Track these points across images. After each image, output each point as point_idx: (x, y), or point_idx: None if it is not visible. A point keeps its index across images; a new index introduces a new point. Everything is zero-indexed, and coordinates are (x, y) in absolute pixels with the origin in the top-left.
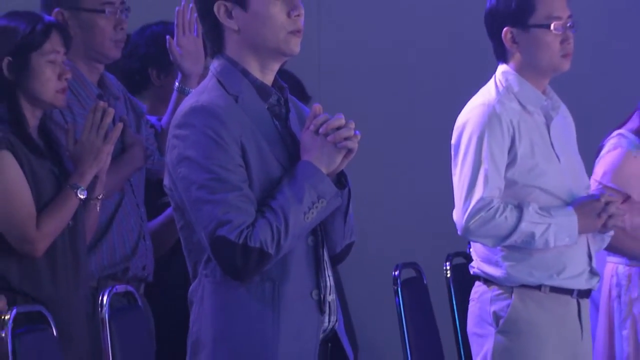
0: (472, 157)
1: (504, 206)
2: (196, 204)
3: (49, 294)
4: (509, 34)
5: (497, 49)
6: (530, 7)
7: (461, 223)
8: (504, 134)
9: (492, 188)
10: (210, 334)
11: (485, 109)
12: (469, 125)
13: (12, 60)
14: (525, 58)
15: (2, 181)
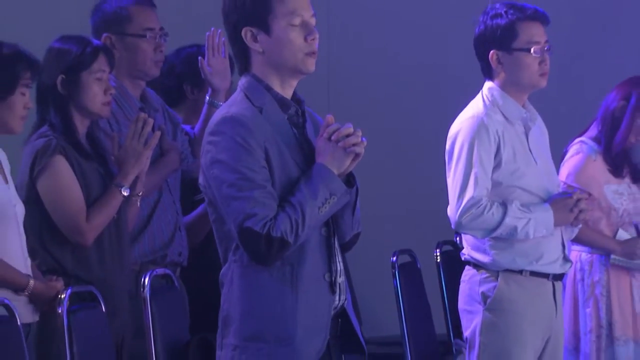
0: (464, 161)
1: (491, 204)
2: (226, 200)
3: (97, 277)
4: (495, 55)
5: (484, 68)
6: (514, 33)
7: (455, 218)
8: (490, 142)
9: (481, 188)
10: (238, 311)
11: (475, 121)
12: (461, 135)
13: (65, 78)
14: (509, 76)
15: (56, 181)
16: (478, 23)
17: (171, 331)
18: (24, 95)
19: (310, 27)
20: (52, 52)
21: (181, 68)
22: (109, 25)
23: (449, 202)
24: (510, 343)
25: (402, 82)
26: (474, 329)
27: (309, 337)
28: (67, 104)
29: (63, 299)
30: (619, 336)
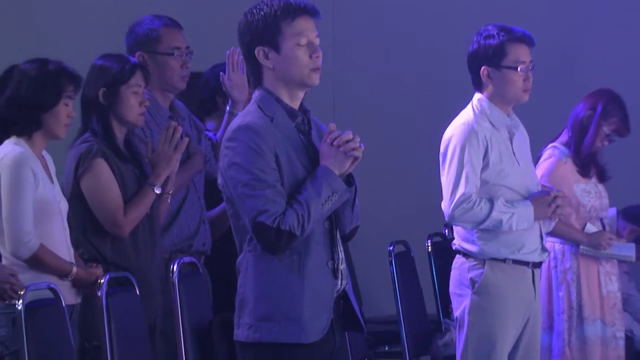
0: (456, 162)
1: (480, 200)
2: (241, 198)
3: (132, 264)
4: (486, 71)
5: (475, 81)
6: (503, 52)
7: (448, 212)
8: (480, 146)
9: (471, 186)
10: (252, 294)
11: (466, 127)
12: (454, 139)
13: (106, 91)
14: (496, 90)
15: (97, 181)
16: (472, 42)
17: (196, 311)
18: (67, 106)
19: (314, 46)
20: (95, 68)
21: (214, 82)
22: (141, 44)
23: (442, 198)
24: (494, 322)
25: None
26: (463, 310)
27: (314, 317)
28: (107, 113)
29: (102, 283)
30: (588, 316)
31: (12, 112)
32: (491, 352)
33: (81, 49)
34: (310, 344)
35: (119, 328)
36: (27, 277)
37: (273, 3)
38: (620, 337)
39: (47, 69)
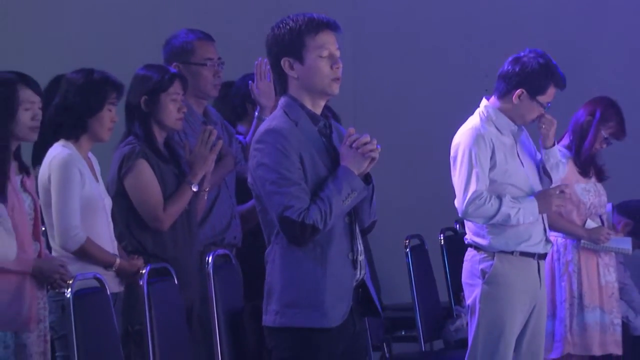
0: (467, 163)
1: (490, 197)
2: (269, 195)
3: (171, 256)
4: (522, 95)
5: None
6: (543, 89)
7: (462, 208)
8: (487, 148)
9: (481, 184)
10: (279, 283)
11: (474, 131)
12: (463, 143)
13: (147, 98)
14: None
15: (139, 179)
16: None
17: (229, 299)
18: (110, 111)
19: (335, 58)
20: (137, 78)
21: (244, 90)
22: (177, 56)
23: (454, 196)
24: (503, 309)
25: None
26: (474, 299)
27: (335, 304)
28: (148, 119)
29: (144, 273)
30: (588, 304)
31: (61, 117)
32: (500, 336)
33: (124, 60)
34: (331, 328)
35: (159, 314)
36: (75, 267)
37: (298, 18)
38: (617, 324)
39: (92, 77)
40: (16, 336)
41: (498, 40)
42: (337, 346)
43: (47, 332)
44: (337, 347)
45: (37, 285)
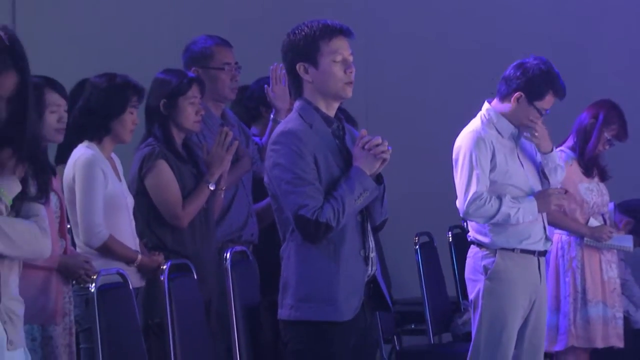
0: (468, 165)
1: (490, 197)
2: (284, 194)
3: (191, 252)
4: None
5: (502, 92)
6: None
7: (462, 208)
8: (487, 150)
9: (482, 185)
10: (294, 278)
11: (474, 134)
12: (464, 145)
13: (167, 101)
14: (515, 113)
15: (159, 179)
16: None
17: (246, 294)
18: (132, 114)
19: (348, 63)
20: (157, 82)
21: (258, 93)
22: (196, 61)
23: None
24: (505, 304)
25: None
26: (477, 294)
27: (348, 298)
28: (167, 121)
29: (164, 269)
30: (591, 299)
31: (84, 119)
32: (503, 329)
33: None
34: (344, 322)
35: (179, 308)
36: (99, 263)
37: (313, 25)
38: (619, 318)
39: (114, 82)
40: (43, 329)
41: (504, 45)
42: (349, 339)
43: (72, 325)
44: (349, 340)
45: (63, 280)
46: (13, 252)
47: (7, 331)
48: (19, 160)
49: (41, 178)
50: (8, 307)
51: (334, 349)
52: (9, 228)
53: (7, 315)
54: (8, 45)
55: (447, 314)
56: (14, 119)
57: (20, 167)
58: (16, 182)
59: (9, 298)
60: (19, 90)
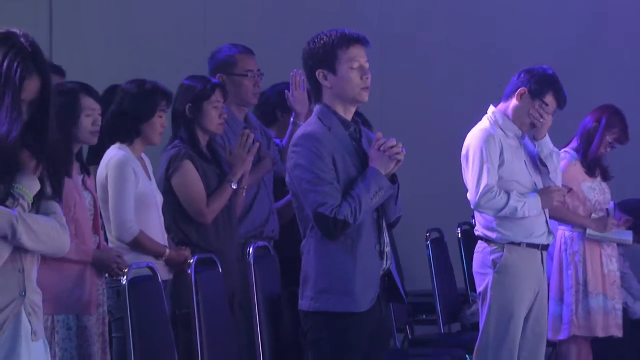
0: (479, 160)
1: (500, 191)
2: (305, 193)
3: (215, 247)
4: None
5: (508, 94)
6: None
7: (475, 200)
8: (496, 147)
9: (492, 179)
10: (314, 272)
11: (484, 133)
12: (474, 143)
13: (192, 106)
14: (519, 111)
15: (185, 179)
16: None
17: (268, 286)
18: (161, 118)
19: (365, 69)
20: (183, 87)
21: (274, 98)
22: (221, 68)
23: (468, 191)
24: (513, 295)
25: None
26: (486, 286)
27: (364, 291)
28: (193, 124)
29: (191, 263)
30: (592, 291)
31: (117, 122)
32: (511, 319)
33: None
34: (360, 313)
35: (205, 299)
36: (130, 257)
37: (331, 34)
38: (618, 309)
39: (145, 87)
40: (78, 319)
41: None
42: (365, 329)
43: (106, 316)
44: (365, 330)
45: (97, 273)
46: (38, 248)
47: (32, 323)
48: (39, 161)
49: (55, 178)
50: (32, 300)
51: (351, 338)
52: (34, 224)
53: (32, 307)
54: (30, 52)
55: (456, 305)
56: (36, 122)
57: (39, 168)
58: (36, 182)
59: (32, 291)
60: (41, 94)
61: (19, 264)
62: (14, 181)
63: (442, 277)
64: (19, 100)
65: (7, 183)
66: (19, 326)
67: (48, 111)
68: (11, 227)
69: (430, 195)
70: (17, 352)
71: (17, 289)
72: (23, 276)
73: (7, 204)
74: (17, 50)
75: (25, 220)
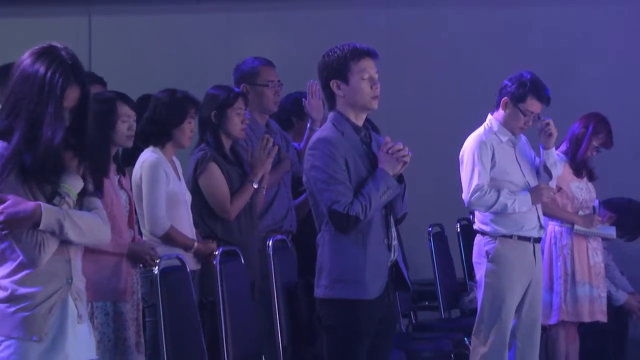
0: (471, 163)
1: (489, 190)
2: (320, 192)
3: (238, 240)
4: (507, 103)
5: (497, 103)
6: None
7: (467, 198)
8: (488, 151)
9: (482, 179)
10: (328, 263)
11: (477, 139)
12: (468, 148)
13: (217, 112)
14: (507, 118)
15: (210, 179)
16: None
17: (286, 275)
18: (190, 123)
19: (374, 80)
20: (208, 96)
21: (290, 106)
22: (244, 78)
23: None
24: (504, 283)
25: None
26: (481, 275)
27: (374, 280)
28: (217, 129)
29: (217, 255)
30: (579, 280)
31: (150, 128)
32: (502, 304)
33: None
34: (370, 300)
35: (229, 287)
36: (162, 249)
37: (344, 47)
38: (603, 297)
39: (175, 96)
40: (114, 305)
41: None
42: (375, 314)
43: (140, 302)
44: (375, 315)
45: (131, 264)
46: (83, 240)
47: (77, 307)
48: (80, 161)
49: (97, 176)
50: (77, 287)
51: (361, 322)
52: (78, 219)
53: (77, 293)
54: (70, 63)
55: (455, 293)
56: (77, 127)
57: (81, 167)
58: (79, 180)
59: (77, 279)
60: (81, 101)
61: (65, 254)
62: (60, 180)
63: (443, 268)
64: (61, 107)
65: (53, 182)
66: (65, 310)
67: (87, 116)
68: (58, 223)
69: (433, 193)
70: (64, 333)
71: (64, 277)
72: (69, 265)
73: (54, 202)
74: (59, 62)
75: (70, 216)
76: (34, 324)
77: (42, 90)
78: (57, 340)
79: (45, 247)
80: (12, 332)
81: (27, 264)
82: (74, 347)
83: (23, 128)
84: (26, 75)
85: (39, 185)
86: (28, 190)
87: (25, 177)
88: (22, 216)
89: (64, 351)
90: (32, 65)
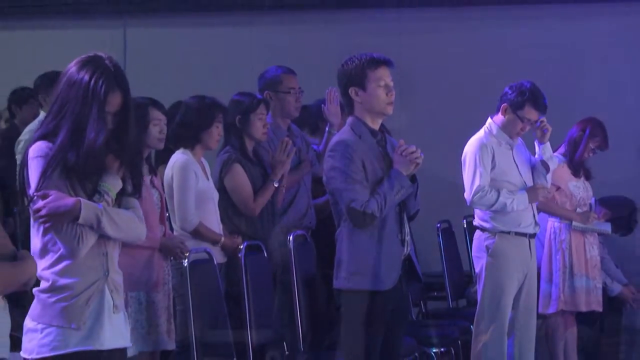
0: (473, 165)
1: (490, 189)
2: (339, 191)
3: (261, 235)
4: (507, 109)
5: (497, 108)
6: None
7: (469, 198)
8: (488, 154)
9: (484, 180)
10: (346, 256)
11: (479, 141)
12: (470, 150)
13: (241, 117)
14: (506, 123)
15: (235, 179)
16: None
17: (305, 268)
18: (218, 127)
19: (389, 87)
20: (233, 102)
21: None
22: (268, 86)
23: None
24: (502, 276)
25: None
26: (481, 268)
27: (388, 272)
28: (241, 133)
29: (242, 248)
30: (577, 272)
31: (181, 131)
32: (501, 295)
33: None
34: (385, 290)
35: (253, 278)
36: (191, 243)
37: (362, 57)
38: (599, 288)
39: (204, 102)
40: (147, 295)
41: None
42: (389, 304)
43: (170, 292)
44: (389, 305)
45: (163, 257)
46: (119, 236)
47: (114, 298)
48: (121, 164)
49: (136, 178)
50: (114, 279)
51: (376, 311)
52: (115, 216)
53: (114, 285)
54: (113, 71)
55: (462, 284)
56: (119, 130)
57: (121, 169)
58: (118, 181)
59: (114, 272)
60: (123, 106)
61: (103, 248)
62: (100, 180)
63: (451, 261)
64: (104, 111)
65: (94, 181)
66: (102, 300)
67: (129, 121)
68: (96, 218)
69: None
70: (100, 322)
71: (101, 270)
72: (106, 259)
73: (94, 199)
74: (102, 70)
75: (108, 213)
76: (73, 313)
77: (87, 95)
78: (94, 329)
79: (84, 240)
80: (52, 320)
81: (67, 255)
82: (110, 335)
83: (68, 129)
84: (72, 82)
85: (81, 182)
86: (70, 187)
87: (68, 175)
88: (63, 210)
89: (99, 339)
90: (78, 72)
